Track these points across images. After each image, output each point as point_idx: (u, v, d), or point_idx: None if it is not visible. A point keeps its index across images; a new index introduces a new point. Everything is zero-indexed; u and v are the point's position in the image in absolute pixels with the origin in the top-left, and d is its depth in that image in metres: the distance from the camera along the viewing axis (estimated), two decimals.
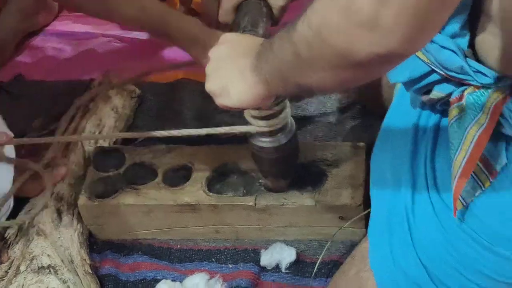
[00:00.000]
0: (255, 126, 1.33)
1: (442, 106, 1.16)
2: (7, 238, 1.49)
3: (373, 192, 1.27)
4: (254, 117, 1.32)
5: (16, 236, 1.49)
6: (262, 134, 1.35)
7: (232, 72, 1.09)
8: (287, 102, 1.35)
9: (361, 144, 1.54)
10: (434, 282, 1.14)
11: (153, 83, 1.89)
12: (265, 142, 1.36)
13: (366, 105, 1.70)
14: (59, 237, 1.48)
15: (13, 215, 1.52)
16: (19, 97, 1.91)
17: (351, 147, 1.53)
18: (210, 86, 1.14)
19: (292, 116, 1.71)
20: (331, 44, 0.85)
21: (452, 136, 1.07)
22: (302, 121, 1.75)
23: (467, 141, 1.04)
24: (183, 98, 1.84)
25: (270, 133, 1.35)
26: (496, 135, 1.04)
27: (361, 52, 0.83)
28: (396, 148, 1.23)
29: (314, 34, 0.87)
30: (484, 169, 1.06)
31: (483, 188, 1.07)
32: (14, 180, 1.48)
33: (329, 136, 1.70)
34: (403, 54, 0.84)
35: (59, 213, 1.52)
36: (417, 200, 1.16)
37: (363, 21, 0.80)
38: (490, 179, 1.06)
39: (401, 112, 1.27)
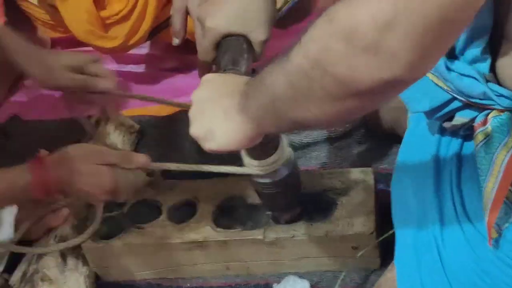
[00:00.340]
0: (254, 168, 1.29)
1: (465, 131, 1.13)
2: (12, 286, 1.44)
3: (397, 222, 1.23)
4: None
5: (21, 283, 1.44)
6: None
7: (216, 114, 1.04)
8: (281, 139, 1.30)
9: (369, 169, 1.50)
10: None
11: (152, 117, 1.86)
12: (264, 178, 1.32)
13: (367, 125, 1.67)
14: (65, 282, 1.44)
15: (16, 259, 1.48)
16: (16, 137, 1.88)
17: (360, 173, 1.50)
18: (195, 130, 1.08)
19: (295, 142, 1.70)
20: (332, 72, 0.81)
21: (480, 162, 1.04)
22: (307, 147, 1.71)
23: (496, 167, 1.01)
24: (183, 130, 1.79)
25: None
26: None
27: (365, 78, 0.80)
28: (418, 177, 1.20)
29: (313, 63, 0.83)
30: None
31: None
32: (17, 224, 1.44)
33: (335, 162, 1.66)
34: (408, 79, 0.81)
35: (63, 256, 1.48)
36: (446, 227, 1.12)
37: (367, 47, 0.77)
38: None
39: (419, 139, 1.24)
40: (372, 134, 1.69)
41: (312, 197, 1.47)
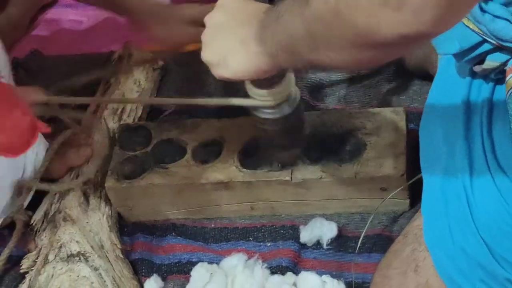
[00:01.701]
0: (259, 100, 1.24)
1: (497, 75, 1.10)
2: (34, 225, 1.43)
3: (425, 167, 1.19)
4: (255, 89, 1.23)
5: (43, 223, 1.43)
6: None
7: (232, 42, 1.02)
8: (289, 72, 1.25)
9: (401, 109, 1.45)
10: (496, 259, 1.08)
11: (175, 52, 1.80)
12: (268, 114, 1.27)
13: (404, 66, 1.61)
14: (87, 222, 1.42)
15: (37, 198, 1.46)
16: (36, 72, 1.85)
17: (390, 112, 1.45)
18: (207, 55, 1.07)
19: (321, 80, 1.65)
20: (352, 23, 0.77)
21: (511, 108, 0.99)
22: (335, 85, 1.66)
23: None
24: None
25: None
26: None
27: (386, 32, 0.76)
28: (448, 121, 1.17)
29: (333, 12, 0.79)
30: None
31: None
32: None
33: (364, 101, 1.61)
34: (431, 34, 0.77)
35: (86, 196, 1.46)
36: (476, 174, 1.09)
37: (390, 1, 0.73)
38: None
39: (449, 82, 1.20)
40: (403, 72, 1.63)
41: (340, 137, 1.42)
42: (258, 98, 1.24)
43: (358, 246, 1.34)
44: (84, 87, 1.74)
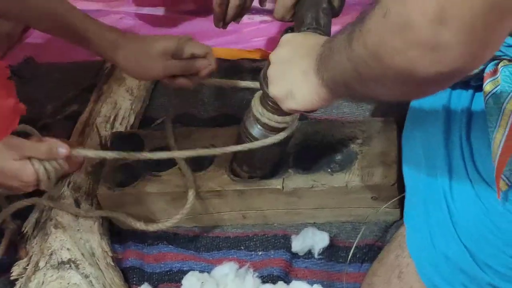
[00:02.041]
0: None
1: (476, 82, 1.11)
2: (25, 232, 1.42)
3: (407, 175, 1.21)
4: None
5: (34, 230, 1.42)
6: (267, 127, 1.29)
7: (296, 75, 1.06)
8: None
9: (392, 119, 1.46)
10: (478, 264, 1.09)
11: None
12: (259, 132, 1.30)
13: None
14: (78, 229, 1.41)
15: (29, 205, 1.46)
16: (30, 80, 1.85)
17: (382, 122, 1.46)
18: (275, 91, 1.11)
19: None
20: (390, 65, 0.80)
21: (489, 113, 1.02)
22: None
23: (505, 117, 1.00)
24: None
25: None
26: None
27: (424, 72, 0.78)
28: (428, 129, 1.19)
29: (371, 55, 0.82)
30: None
31: None
32: None
33: (357, 112, 1.61)
34: (468, 69, 0.79)
35: (77, 203, 1.46)
36: (455, 180, 1.12)
37: (422, 42, 0.75)
38: None
39: None
40: None
41: (332, 146, 1.43)
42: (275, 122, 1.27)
43: (349, 257, 1.35)
44: (77, 95, 1.75)
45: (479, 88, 1.12)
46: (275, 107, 1.24)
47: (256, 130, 1.30)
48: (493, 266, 1.08)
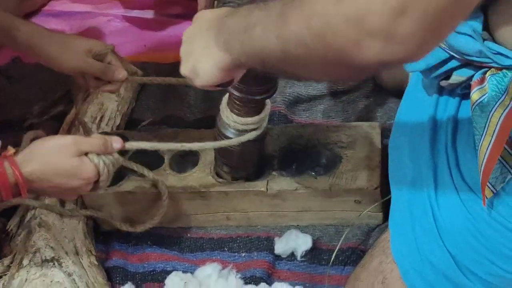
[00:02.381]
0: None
1: (463, 90, 1.12)
2: (9, 230, 1.43)
3: (392, 181, 1.21)
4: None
5: (18, 228, 1.43)
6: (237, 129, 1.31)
7: (197, 50, 1.02)
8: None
9: (376, 124, 1.48)
10: (462, 271, 1.10)
11: (156, 64, 1.82)
12: (233, 134, 1.32)
13: (382, 84, 1.63)
14: (62, 228, 1.42)
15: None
16: (17, 80, 1.85)
17: (366, 127, 1.47)
18: (182, 69, 1.07)
19: (300, 95, 1.67)
20: (337, 49, 0.78)
21: (475, 121, 1.02)
22: (313, 100, 1.68)
23: (492, 125, 1.00)
24: None
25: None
26: None
27: (370, 59, 0.77)
28: (415, 136, 1.19)
29: (315, 37, 0.80)
30: None
31: None
32: None
33: (342, 116, 1.63)
34: (413, 60, 0.79)
35: (62, 203, 1.46)
36: (441, 187, 1.12)
37: (377, 32, 0.74)
38: None
39: (417, 98, 1.22)
40: (380, 88, 1.65)
41: (316, 150, 1.44)
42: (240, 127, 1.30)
43: (332, 259, 1.36)
44: (63, 96, 1.76)
45: (465, 96, 1.13)
46: (241, 109, 1.26)
47: (229, 132, 1.32)
48: (477, 273, 1.09)
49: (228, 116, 1.30)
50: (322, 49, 0.80)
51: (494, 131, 0.99)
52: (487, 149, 1.00)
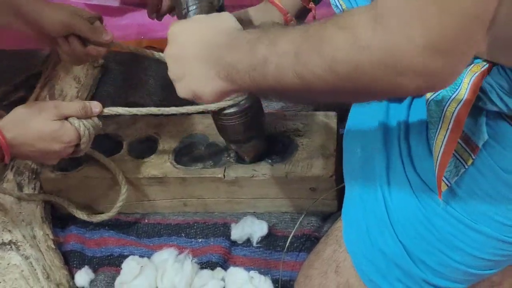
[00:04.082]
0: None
1: None
2: None
3: (346, 171, 1.23)
4: None
5: None
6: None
7: (195, 79, 0.99)
8: None
9: (332, 113, 1.50)
10: (413, 260, 1.12)
11: (117, 52, 1.81)
12: (228, 108, 1.32)
13: None
14: (20, 212, 1.42)
15: None
16: None
17: (323, 116, 1.49)
18: (181, 94, 1.04)
19: None
20: (368, 87, 0.80)
21: (430, 115, 1.04)
22: None
23: (446, 119, 1.01)
24: (148, 67, 1.78)
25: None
26: (475, 111, 1.01)
27: (406, 92, 0.80)
28: (369, 128, 1.20)
29: (343, 79, 0.80)
30: (465, 147, 1.03)
31: (466, 166, 1.04)
32: None
33: (300, 106, 1.64)
34: (449, 82, 0.81)
35: (20, 187, 1.47)
36: (393, 179, 1.13)
37: (409, 71, 0.76)
38: (473, 156, 1.03)
39: None
40: None
41: (274, 138, 1.46)
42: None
43: (286, 245, 1.38)
44: (24, 81, 1.76)
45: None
46: None
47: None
48: (428, 263, 1.11)
49: None
50: (353, 87, 0.81)
51: (449, 124, 1.01)
52: (443, 142, 1.02)
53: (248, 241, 1.42)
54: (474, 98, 1.00)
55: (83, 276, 1.38)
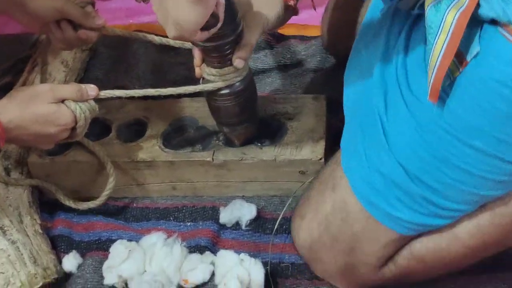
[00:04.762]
0: (212, 79, 1.31)
1: (419, 9, 1.14)
2: None
3: (346, 100, 1.26)
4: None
5: None
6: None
7: (170, 9, 1.09)
8: None
9: (322, 96, 1.49)
10: (411, 179, 1.14)
11: (106, 36, 1.80)
12: (222, 89, 1.32)
13: (327, 49, 1.68)
14: (7, 197, 1.41)
15: None
16: None
17: (312, 99, 1.49)
18: (170, 35, 1.13)
19: (250, 68, 1.67)
20: None
21: (430, 20, 1.05)
22: (261, 73, 1.70)
23: (446, 24, 1.03)
24: (137, 51, 1.77)
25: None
26: (471, 23, 1.02)
27: None
28: (369, 53, 1.23)
29: None
30: (454, 59, 1.04)
31: (452, 78, 1.06)
32: None
33: (290, 89, 1.65)
34: None
35: (7, 171, 1.46)
36: (390, 101, 1.17)
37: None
38: (460, 69, 1.05)
39: (374, 23, 1.26)
40: (328, 62, 1.67)
41: (263, 121, 1.45)
42: (210, 78, 1.31)
43: (275, 228, 1.38)
44: (11, 66, 1.75)
45: (418, 18, 1.17)
46: (207, 60, 1.30)
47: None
48: (425, 181, 1.13)
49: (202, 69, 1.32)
50: None
51: (449, 29, 1.02)
52: (442, 46, 1.03)
53: (237, 224, 1.42)
54: (475, 5, 1.01)
55: (70, 260, 1.37)
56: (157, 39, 1.43)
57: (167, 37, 1.16)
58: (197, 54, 1.32)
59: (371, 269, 1.24)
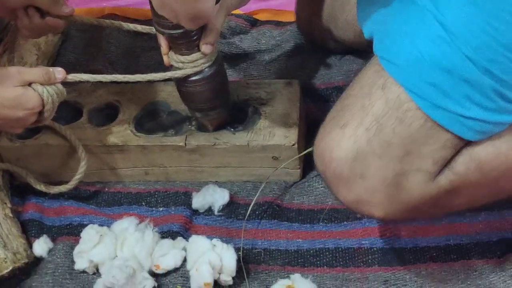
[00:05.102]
0: (180, 67, 1.30)
1: None
2: None
3: (371, 23, 1.19)
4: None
5: None
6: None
7: None
8: None
9: (296, 81, 1.48)
10: (480, 71, 1.06)
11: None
12: (192, 75, 1.31)
13: (301, 31, 1.67)
14: None
15: None
16: None
17: (286, 84, 1.48)
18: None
19: (224, 53, 1.67)
20: None
21: None
22: (235, 59, 1.69)
23: None
24: (110, 35, 1.75)
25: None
26: None
27: None
28: None
29: None
30: None
31: None
32: None
33: (264, 74, 1.64)
34: None
35: None
36: None
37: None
38: None
39: None
40: (303, 47, 1.67)
41: (236, 106, 1.45)
42: (179, 65, 1.30)
43: (248, 213, 1.37)
44: None
45: None
46: (174, 47, 1.29)
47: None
48: (494, 72, 1.06)
49: (170, 57, 1.31)
50: None
51: None
52: None
53: (209, 210, 1.41)
54: None
55: (41, 245, 1.36)
56: (124, 25, 1.42)
57: (137, 22, 1.16)
58: (163, 42, 1.30)
59: (425, 178, 1.11)
